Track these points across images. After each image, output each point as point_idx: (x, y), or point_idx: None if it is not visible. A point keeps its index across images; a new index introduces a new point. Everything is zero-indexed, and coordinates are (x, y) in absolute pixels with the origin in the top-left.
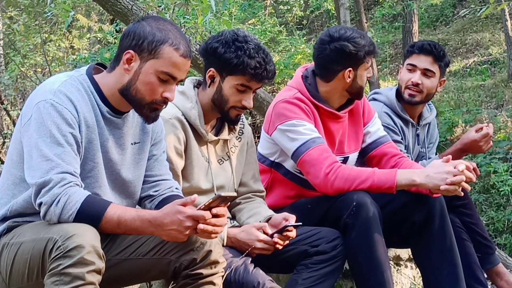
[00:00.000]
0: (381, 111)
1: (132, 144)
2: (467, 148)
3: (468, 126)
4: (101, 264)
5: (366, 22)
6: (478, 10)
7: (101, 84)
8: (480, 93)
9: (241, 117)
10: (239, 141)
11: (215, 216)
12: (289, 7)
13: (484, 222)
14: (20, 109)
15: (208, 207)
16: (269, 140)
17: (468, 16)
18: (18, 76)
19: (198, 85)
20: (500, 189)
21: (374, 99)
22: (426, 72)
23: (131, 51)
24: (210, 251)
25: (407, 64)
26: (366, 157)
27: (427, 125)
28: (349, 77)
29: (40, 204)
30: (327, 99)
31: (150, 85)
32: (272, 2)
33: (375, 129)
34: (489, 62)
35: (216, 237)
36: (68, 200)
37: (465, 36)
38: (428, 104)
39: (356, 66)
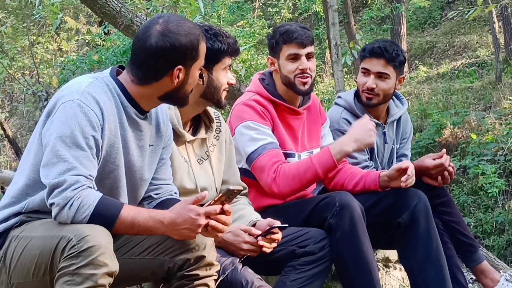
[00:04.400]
0: (339, 117)
1: (149, 146)
2: (418, 170)
3: (456, 128)
4: (114, 267)
5: (354, 24)
6: (466, 12)
7: (128, 88)
8: (468, 95)
9: (218, 115)
10: (217, 140)
11: (223, 213)
12: (277, 10)
13: (472, 224)
14: (8, 112)
15: (217, 203)
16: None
17: (456, 19)
18: (6, 79)
19: None
20: (488, 191)
21: (336, 104)
22: (380, 75)
23: (180, 66)
24: (204, 252)
25: (361, 68)
26: None
27: (396, 121)
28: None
29: (52, 204)
30: (285, 97)
31: (195, 82)
32: (260, 4)
33: (327, 131)
34: (477, 64)
35: (222, 234)
36: (82, 203)
37: (453, 39)
38: (398, 98)
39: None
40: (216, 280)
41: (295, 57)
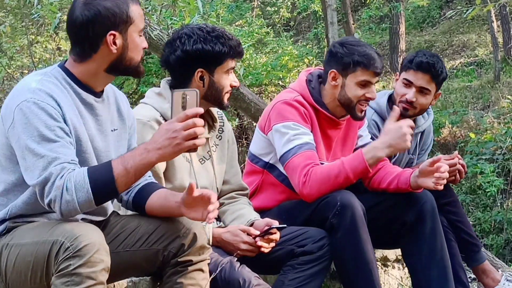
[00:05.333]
0: (370, 119)
1: (112, 130)
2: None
3: (455, 127)
4: (108, 262)
5: (353, 24)
6: (465, 11)
7: (75, 72)
8: (467, 94)
9: (221, 115)
10: (219, 139)
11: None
12: (276, 9)
13: (471, 223)
14: None
15: (180, 108)
16: (264, 140)
17: (455, 18)
18: (5, 78)
19: (173, 85)
20: (486, 190)
21: None
22: (421, 90)
23: (112, 32)
24: (195, 236)
25: (403, 78)
26: None
27: (421, 133)
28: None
29: (50, 202)
30: (330, 107)
31: (137, 47)
32: (259, 3)
33: (367, 133)
34: (475, 64)
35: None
36: (76, 181)
37: (452, 38)
38: None
39: (345, 74)
40: (209, 264)
41: (366, 84)
